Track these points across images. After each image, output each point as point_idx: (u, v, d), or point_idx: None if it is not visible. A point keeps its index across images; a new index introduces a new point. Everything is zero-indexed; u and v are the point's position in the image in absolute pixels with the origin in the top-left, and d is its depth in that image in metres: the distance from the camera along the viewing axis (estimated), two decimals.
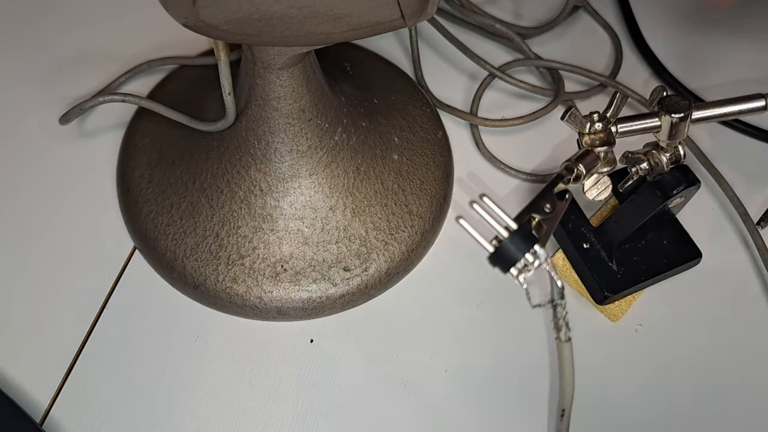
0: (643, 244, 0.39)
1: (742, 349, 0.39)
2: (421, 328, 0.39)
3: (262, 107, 0.36)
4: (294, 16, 0.27)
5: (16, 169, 0.43)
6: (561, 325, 0.26)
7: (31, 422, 0.34)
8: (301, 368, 0.37)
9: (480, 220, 0.26)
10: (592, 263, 0.38)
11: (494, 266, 0.26)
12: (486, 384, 0.37)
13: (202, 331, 0.38)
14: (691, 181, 0.36)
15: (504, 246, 0.26)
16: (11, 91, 0.46)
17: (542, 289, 0.37)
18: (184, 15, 0.27)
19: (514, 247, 0.26)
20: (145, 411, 0.36)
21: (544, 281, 0.28)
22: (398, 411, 0.36)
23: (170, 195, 0.39)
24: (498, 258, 0.26)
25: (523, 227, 0.26)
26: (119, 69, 0.46)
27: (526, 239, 0.26)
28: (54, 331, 0.38)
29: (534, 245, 0.26)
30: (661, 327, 0.39)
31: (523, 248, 0.26)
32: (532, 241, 0.26)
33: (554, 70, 0.47)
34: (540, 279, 0.28)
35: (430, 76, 0.48)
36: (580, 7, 0.51)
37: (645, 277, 0.38)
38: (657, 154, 0.35)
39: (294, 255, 0.38)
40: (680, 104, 0.33)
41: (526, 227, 0.26)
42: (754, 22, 0.52)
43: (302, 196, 0.38)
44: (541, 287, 0.36)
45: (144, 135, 0.42)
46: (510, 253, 0.26)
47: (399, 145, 0.42)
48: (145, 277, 0.39)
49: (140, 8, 0.49)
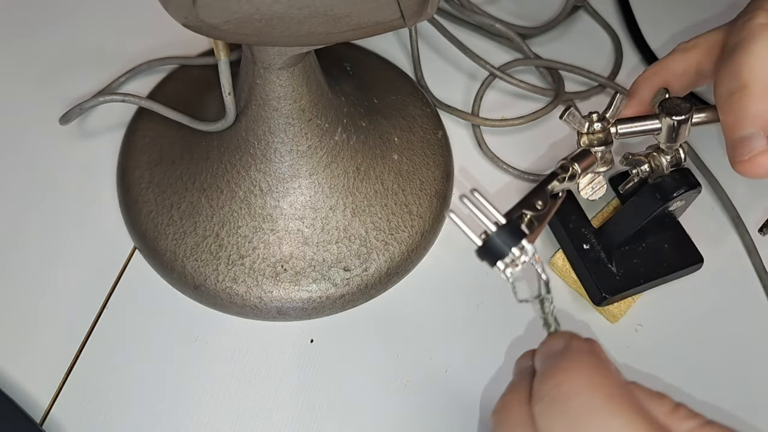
0: (644, 247, 0.38)
1: (741, 352, 0.39)
2: (421, 328, 0.39)
3: (262, 107, 0.36)
4: (294, 16, 0.27)
5: (16, 169, 0.43)
6: (550, 321, 0.27)
7: (31, 422, 0.34)
8: (301, 368, 0.37)
9: (470, 215, 0.27)
10: (591, 264, 0.38)
11: (481, 259, 0.27)
12: (486, 384, 0.37)
13: (202, 331, 0.38)
14: (692, 185, 0.35)
15: (491, 240, 0.26)
16: (11, 91, 0.46)
17: (532, 285, 0.37)
18: (184, 15, 0.27)
19: (501, 241, 0.26)
20: (145, 411, 0.36)
21: (534, 277, 0.28)
22: (398, 411, 0.36)
23: (170, 195, 0.39)
24: (485, 251, 0.26)
25: (511, 222, 0.26)
26: (119, 69, 0.46)
27: (514, 234, 0.26)
28: (54, 331, 0.38)
29: (522, 240, 0.26)
30: (660, 329, 0.39)
31: (510, 243, 0.26)
32: (520, 236, 0.26)
33: (554, 70, 0.47)
34: (532, 275, 0.28)
35: (430, 76, 0.48)
36: (580, 7, 0.51)
37: (644, 280, 0.38)
38: (658, 156, 0.35)
39: (294, 255, 0.38)
40: (681, 107, 0.33)
41: (514, 222, 0.27)
42: None
43: (302, 196, 0.38)
44: (533, 283, 0.36)
45: (144, 135, 0.42)
46: (497, 247, 0.26)
47: (399, 145, 0.42)
48: (145, 277, 0.39)
49: (140, 8, 0.49)
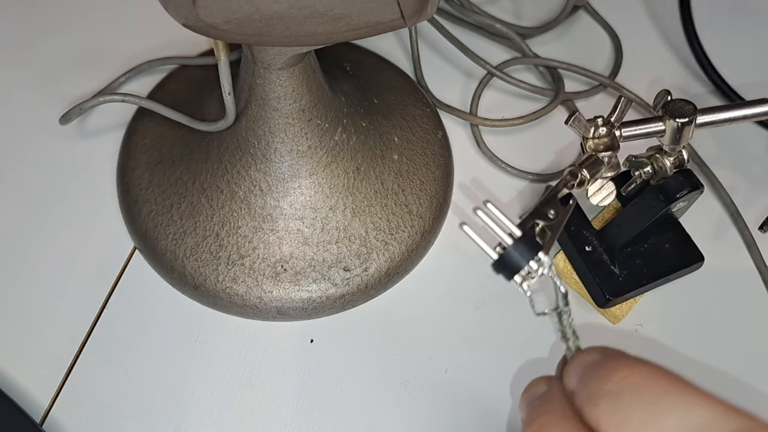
0: (646, 248, 0.38)
1: (743, 352, 0.39)
2: (421, 328, 0.39)
3: (262, 107, 0.36)
4: (294, 16, 0.27)
5: (16, 169, 0.43)
6: (569, 335, 0.26)
7: (31, 422, 0.34)
8: (301, 368, 0.37)
9: (483, 226, 0.26)
10: (594, 266, 0.38)
11: (498, 273, 0.26)
12: (486, 384, 0.37)
13: (202, 331, 0.38)
14: (695, 186, 0.35)
15: (508, 253, 0.26)
16: (11, 91, 0.46)
17: (546, 295, 0.37)
18: (184, 15, 0.27)
19: (518, 254, 0.25)
20: (145, 411, 0.36)
21: (547, 287, 0.28)
22: (398, 411, 0.36)
23: (170, 195, 0.39)
24: (502, 265, 0.26)
25: (526, 234, 0.26)
26: (119, 69, 0.46)
27: (530, 246, 0.26)
28: (54, 331, 0.38)
29: (538, 252, 0.26)
30: (662, 330, 0.39)
31: (527, 255, 0.26)
32: (536, 248, 0.26)
33: (554, 69, 0.47)
34: (544, 285, 0.28)
35: (430, 76, 0.48)
36: (580, 7, 0.51)
37: (647, 280, 0.38)
38: (660, 158, 0.35)
39: (294, 255, 0.38)
40: (684, 109, 0.33)
41: (529, 234, 0.26)
42: (758, 24, 0.52)
43: (302, 196, 0.38)
44: (546, 294, 0.36)
45: (144, 135, 0.42)
46: (514, 260, 0.26)
47: (399, 145, 0.42)
48: (145, 277, 0.39)
49: (140, 8, 0.49)
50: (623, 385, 0.21)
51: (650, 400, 0.20)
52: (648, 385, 0.20)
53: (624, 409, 0.20)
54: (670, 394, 0.20)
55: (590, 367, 0.23)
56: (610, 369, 0.21)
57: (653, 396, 0.20)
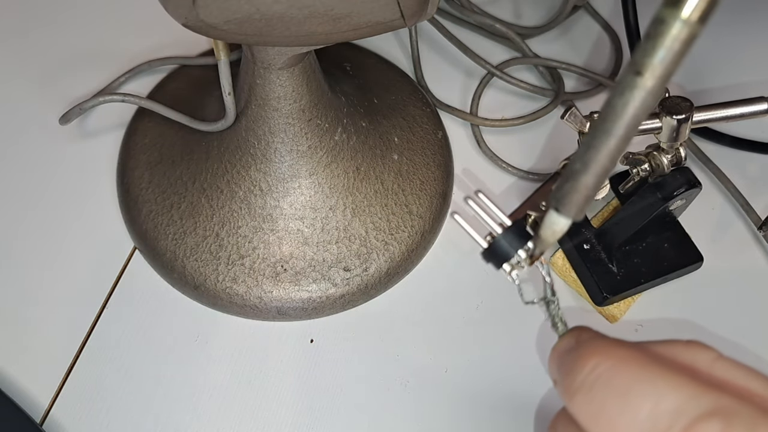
0: (644, 247, 0.38)
1: (743, 352, 0.39)
2: (421, 328, 0.39)
3: (262, 107, 0.36)
4: (294, 16, 0.27)
5: (15, 169, 0.43)
6: (556, 322, 0.27)
7: (31, 422, 0.34)
8: (301, 368, 0.37)
9: (475, 216, 0.27)
10: (592, 264, 0.38)
11: (487, 262, 0.27)
12: (486, 384, 0.37)
13: (202, 331, 0.38)
14: (692, 184, 0.35)
15: (497, 242, 0.26)
16: (11, 91, 0.46)
17: (538, 286, 0.37)
18: (184, 15, 0.27)
19: (507, 243, 0.26)
20: (145, 411, 0.36)
21: (540, 279, 0.28)
22: (398, 411, 0.36)
23: (170, 195, 0.39)
24: (491, 254, 0.26)
25: (517, 224, 0.26)
26: (119, 69, 0.46)
27: (519, 236, 0.26)
28: (54, 331, 0.38)
29: (528, 242, 0.26)
30: (660, 329, 0.39)
31: (516, 245, 0.26)
32: (526, 238, 0.26)
33: (554, 69, 0.47)
34: (537, 277, 0.28)
35: (430, 76, 0.48)
36: (580, 7, 0.51)
37: (645, 279, 0.38)
38: (658, 155, 0.35)
39: (294, 255, 0.38)
40: (681, 106, 0.33)
41: (520, 224, 0.26)
42: (756, 23, 0.52)
43: (302, 196, 0.38)
44: (538, 285, 0.36)
45: (144, 135, 0.42)
46: (503, 249, 0.26)
47: (399, 145, 0.42)
48: (145, 277, 0.39)
49: (140, 8, 0.49)
50: (594, 376, 0.21)
51: (621, 390, 0.20)
52: (619, 374, 0.20)
53: (597, 401, 0.20)
54: (640, 383, 0.20)
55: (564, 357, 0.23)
56: (581, 358, 0.22)
57: (624, 386, 0.20)
